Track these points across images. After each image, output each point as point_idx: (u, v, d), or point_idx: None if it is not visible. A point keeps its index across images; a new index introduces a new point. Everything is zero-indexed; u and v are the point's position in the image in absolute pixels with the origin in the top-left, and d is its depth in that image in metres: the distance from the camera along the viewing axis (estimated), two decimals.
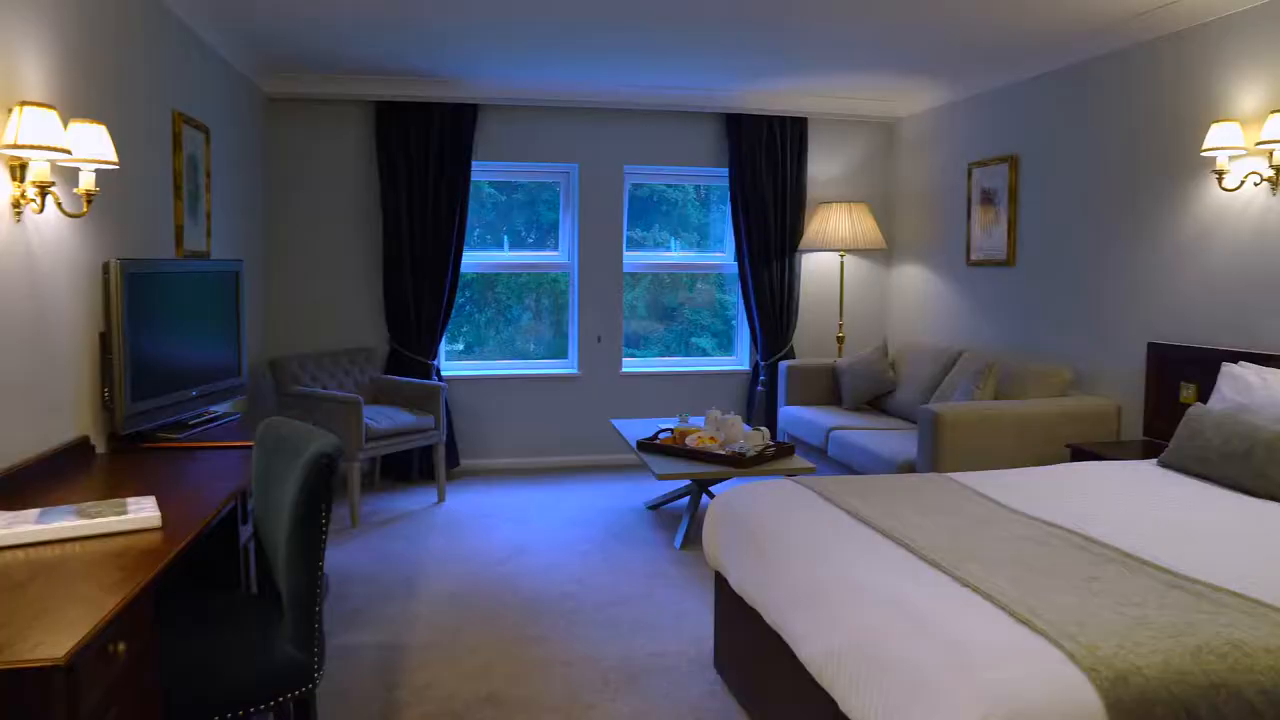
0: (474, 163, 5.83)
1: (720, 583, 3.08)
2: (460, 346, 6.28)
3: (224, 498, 2.44)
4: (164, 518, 2.18)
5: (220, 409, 3.85)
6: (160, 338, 3.22)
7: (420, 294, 5.73)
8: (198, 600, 2.33)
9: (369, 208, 5.79)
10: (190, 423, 3.40)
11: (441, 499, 5.33)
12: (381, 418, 4.97)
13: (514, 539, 4.60)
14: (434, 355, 5.79)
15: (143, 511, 2.15)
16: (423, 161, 5.67)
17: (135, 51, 3.42)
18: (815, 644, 2.18)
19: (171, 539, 2.06)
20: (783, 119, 6.14)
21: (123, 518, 2.10)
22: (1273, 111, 3.42)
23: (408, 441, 5.06)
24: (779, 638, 2.48)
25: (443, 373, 5.97)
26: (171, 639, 2.06)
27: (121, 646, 1.65)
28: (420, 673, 3.09)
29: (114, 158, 2.66)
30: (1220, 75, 3.80)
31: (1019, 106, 5.13)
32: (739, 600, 2.84)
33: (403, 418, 5.06)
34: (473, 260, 6.08)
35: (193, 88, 4.11)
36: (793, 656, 2.37)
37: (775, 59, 5.06)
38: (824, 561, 2.36)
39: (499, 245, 6.21)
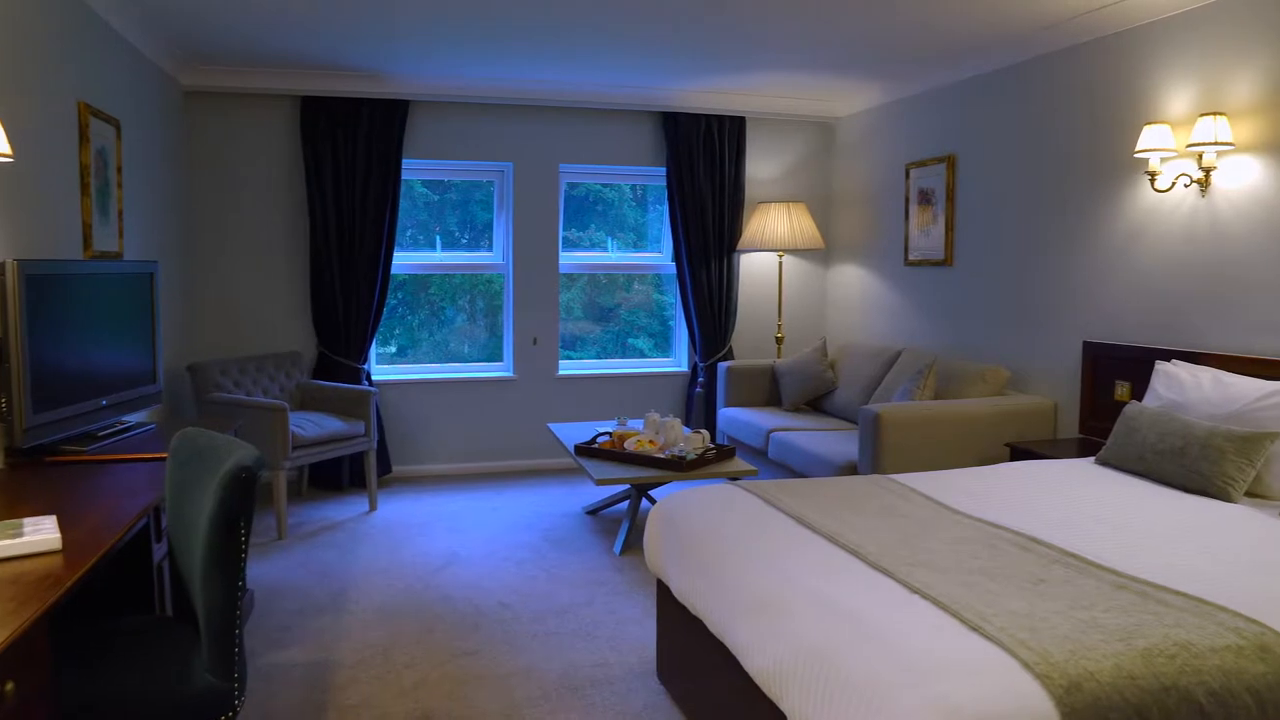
0: (405, 160, 5.68)
1: (662, 590, 3.01)
2: (392, 349, 6.10)
3: (135, 515, 2.28)
4: (65, 539, 2.02)
5: (134, 419, 3.65)
6: (66, 344, 3.01)
7: (349, 296, 5.54)
8: (106, 626, 2.17)
9: (294, 206, 5.59)
10: (100, 434, 3.20)
11: (373, 508, 5.16)
12: (309, 424, 4.78)
13: (448, 548, 4.46)
14: (364, 359, 5.61)
15: (41, 533, 1.98)
16: (351, 159, 5.49)
17: (33, 37, 3.20)
18: (761, 654, 2.12)
19: (73, 562, 1.90)
20: (721, 118, 6.10)
21: (17, 541, 1.93)
22: (1202, 114, 3.48)
23: (337, 449, 4.89)
24: (724, 647, 2.41)
25: (373, 377, 5.79)
26: (75, 672, 1.91)
27: (10, 686, 1.50)
28: (351, 691, 2.96)
29: (7, 149, 2.47)
30: (1151, 78, 3.87)
31: (956, 107, 5.17)
32: (682, 608, 2.77)
33: (331, 424, 4.88)
34: (404, 261, 5.92)
35: (101, 78, 3.89)
36: (738, 666, 2.31)
37: (712, 57, 5.01)
38: (768, 569, 2.30)
39: (431, 245, 6.05)
